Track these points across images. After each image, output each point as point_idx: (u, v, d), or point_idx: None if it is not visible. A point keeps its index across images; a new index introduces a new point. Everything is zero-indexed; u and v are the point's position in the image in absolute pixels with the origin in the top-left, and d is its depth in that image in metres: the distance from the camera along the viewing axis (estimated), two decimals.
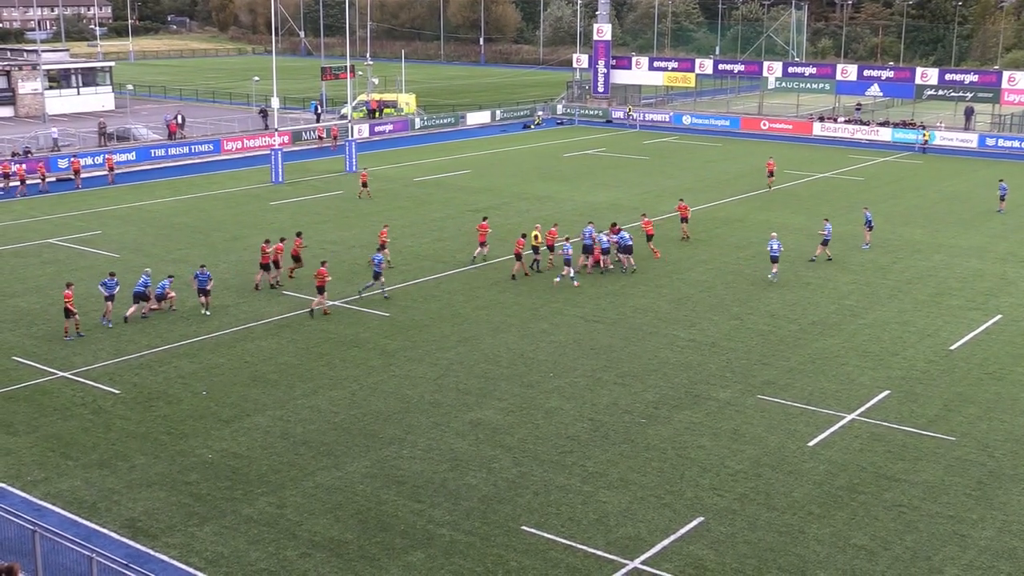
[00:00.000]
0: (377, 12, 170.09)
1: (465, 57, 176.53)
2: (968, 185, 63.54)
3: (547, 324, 34.59)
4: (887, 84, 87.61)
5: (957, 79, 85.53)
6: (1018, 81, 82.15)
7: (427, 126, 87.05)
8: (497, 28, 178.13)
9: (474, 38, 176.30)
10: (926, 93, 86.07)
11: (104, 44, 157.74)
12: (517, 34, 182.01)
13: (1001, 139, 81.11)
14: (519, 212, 52.67)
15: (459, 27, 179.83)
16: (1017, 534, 21.39)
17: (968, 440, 25.93)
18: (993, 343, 33.36)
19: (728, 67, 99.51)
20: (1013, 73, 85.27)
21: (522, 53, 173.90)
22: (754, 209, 54.25)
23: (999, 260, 43.90)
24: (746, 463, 24.47)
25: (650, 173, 66.28)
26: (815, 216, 51.74)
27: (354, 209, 53.09)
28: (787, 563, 20.21)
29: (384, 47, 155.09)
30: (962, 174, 68.05)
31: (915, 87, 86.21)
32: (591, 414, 27.24)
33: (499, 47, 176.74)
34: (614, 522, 21.64)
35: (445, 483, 23.28)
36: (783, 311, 36.39)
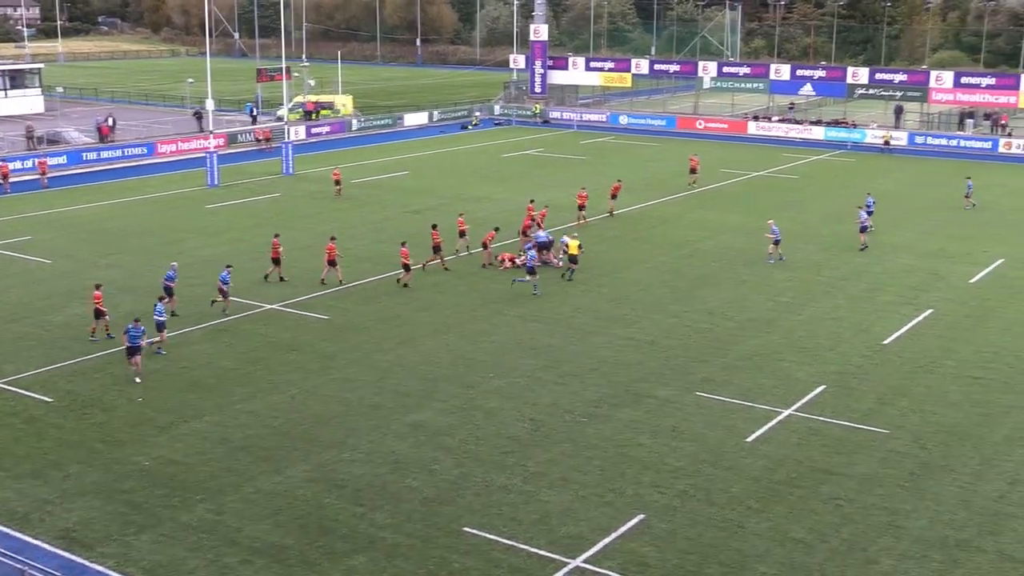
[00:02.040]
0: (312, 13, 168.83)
1: (402, 58, 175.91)
2: (899, 182, 64.68)
3: (487, 324, 34.60)
4: (819, 83, 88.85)
5: (887, 78, 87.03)
6: (945, 80, 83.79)
7: (364, 127, 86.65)
8: (434, 29, 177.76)
9: (411, 39, 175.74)
10: (857, 92, 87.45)
11: (32, 46, 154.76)
12: (454, 35, 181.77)
13: (930, 137, 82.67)
14: (457, 213, 52.51)
15: (395, 28, 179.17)
16: (948, 523, 21.82)
17: (901, 432, 26.40)
18: (924, 337, 34.00)
19: (664, 67, 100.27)
20: (940, 72, 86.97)
21: (459, 54, 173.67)
22: (691, 208, 54.74)
23: (930, 256, 44.74)
24: (686, 460, 24.69)
25: (588, 173, 66.52)
26: (751, 215, 52.39)
27: (292, 211, 52.68)
28: (727, 558, 20.42)
29: (320, 48, 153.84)
30: (893, 172, 69.26)
31: (847, 86, 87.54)
32: (532, 414, 27.30)
33: (436, 48, 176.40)
34: (556, 521, 21.71)
35: (386, 486, 23.19)
36: (721, 309, 36.76)
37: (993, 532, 21.50)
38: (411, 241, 40.55)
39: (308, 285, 38.64)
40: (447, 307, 36.50)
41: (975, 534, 21.42)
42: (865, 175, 67.41)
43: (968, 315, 36.46)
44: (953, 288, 39.84)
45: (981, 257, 44.67)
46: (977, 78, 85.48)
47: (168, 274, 35.21)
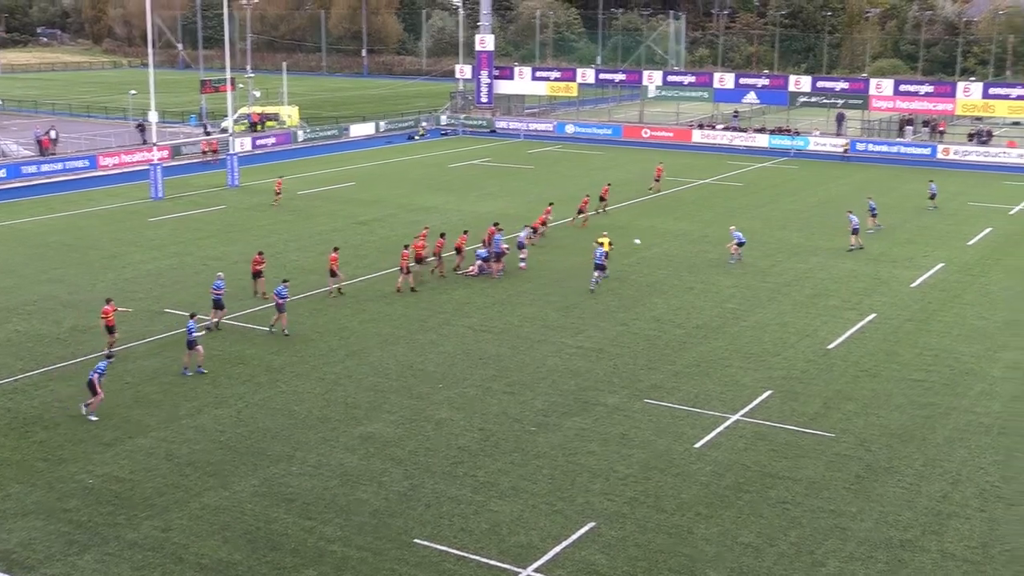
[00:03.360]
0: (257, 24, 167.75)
1: (348, 68, 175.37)
2: (842, 189, 65.56)
3: (435, 335, 34.54)
4: (763, 92, 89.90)
5: (828, 86, 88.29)
6: (884, 88, 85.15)
7: (310, 138, 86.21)
8: (379, 39, 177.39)
9: (356, 49, 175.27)
10: (800, 100, 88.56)
11: None
12: (399, 45, 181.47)
13: (871, 144, 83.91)
14: (406, 224, 52.48)
15: (341, 38, 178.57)
16: (893, 524, 22.12)
17: (847, 436, 26.72)
18: (868, 341, 34.46)
19: (609, 76, 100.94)
20: (880, 80, 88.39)
21: (405, 64, 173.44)
22: (638, 216, 55.07)
23: (872, 261, 45.38)
24: (635, 467, 24.80)
25: (535, 182, 66.77)
26: (697, 222, 52.89)
27: (237, 224, 52.26)
28: (677, 564, 20.53)
29: (265, 59, 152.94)
30: (836, 178, 70.19)
31: (789, 94, 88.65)
32: (481, 424, 27.29)
33: (382, 58, 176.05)
34: (506, 531, 21.70)
35: (335, 499, 23.05)
36: (668, 316, 37.00)
37: (936, 532, 21.83)
38: (354, 251, 40.37)
39: (254, 298, 38.31)
40: (395, 318, 36.39)
41: (919, 534, 21.74)
42: (808, 182, 68.28)
43: (910, 319, 37.02)
44: (895, 292, 40.44)
45: (922, 261, 45.41)
46: (915, 86, 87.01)
47: (216, 283, 35.11)
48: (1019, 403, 29.13)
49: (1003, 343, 34.43)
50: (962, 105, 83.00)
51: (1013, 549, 21.18)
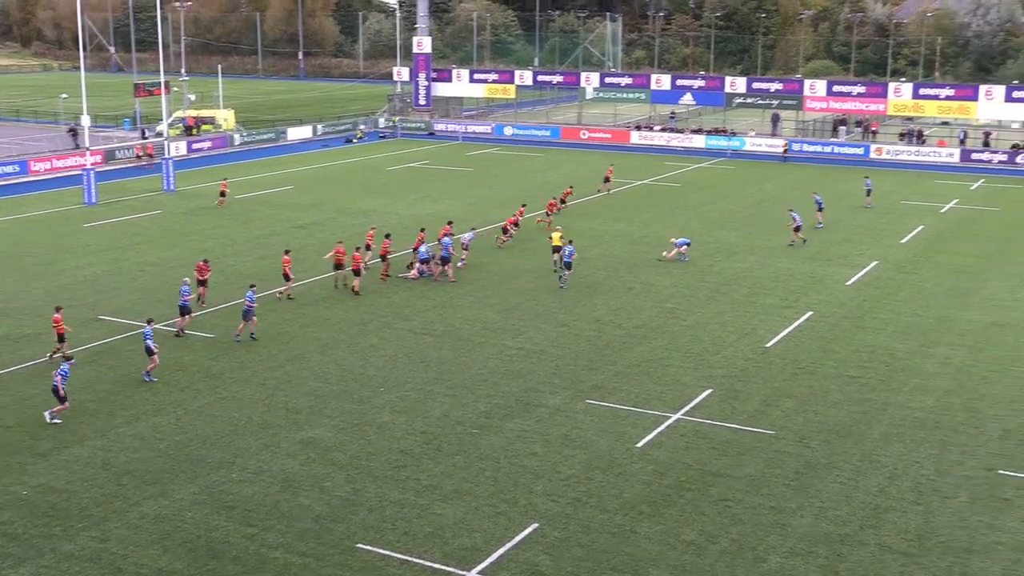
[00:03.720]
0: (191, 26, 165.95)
1: (284, 71, 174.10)
2: (777, 188, 66.42)
3: (376, 339, 34.39)
4: (699, 93, 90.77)
5: (763, 87, 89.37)
6: (818, 89, 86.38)
7: (247, 142, 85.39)
8: (316, 42, 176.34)
9: (292, 52, 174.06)
10: (735, 101, 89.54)
11: None
12: (336, 47, 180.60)
13: (806, 144, 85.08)
14: (344, 227, 52.21)
15: (277, 41, 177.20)
16: (832, 519, 22.43)
17: (786, 433, 27.05)
18: (805, 339, 34.93)
19: (547, 78, 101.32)
20: (813, 81, 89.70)
21: (342, 67, 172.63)
22: (577, 217, 55.27)
23: (808, 260, 45.99)
24: (577, 467, 24.88)
25: (474, 185, 66.79)
26: (635, 223, 53.24)
27: (174, 229, 51.59)
28: (620, 563, 20.63)
29: (200, 62, 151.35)
30: (772, 178, 71.09)
31: (725, 95, 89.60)
32: (423, 427, 27.21)
33: (319, 61, 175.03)
34: (450, 534, 21.66)
35: (277, 505, 22.84)
36: (608, 316, 37.19)
37: (874, 526, 22.18)
38: (292, 255, 40.05)
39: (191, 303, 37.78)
40: (335, 322, 36.16)
41: (857, 528, 22.07)
42: (745, 182, 69.05)
43: (846, 316, 37.59)
44: (831, 290, 41.02)
45: (857, 259, 46.11)
46: (848, 87, 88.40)
47: (183, 289, 34.86)
48: (952, 397, 29.71)
49: (936, 339, 35.08)
50: (893, 105, 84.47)
51: (948, 541, 21.58)
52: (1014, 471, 24.88)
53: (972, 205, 61.51)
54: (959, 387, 30.56)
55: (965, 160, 80.00)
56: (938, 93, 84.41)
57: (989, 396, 29.84)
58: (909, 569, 20.47)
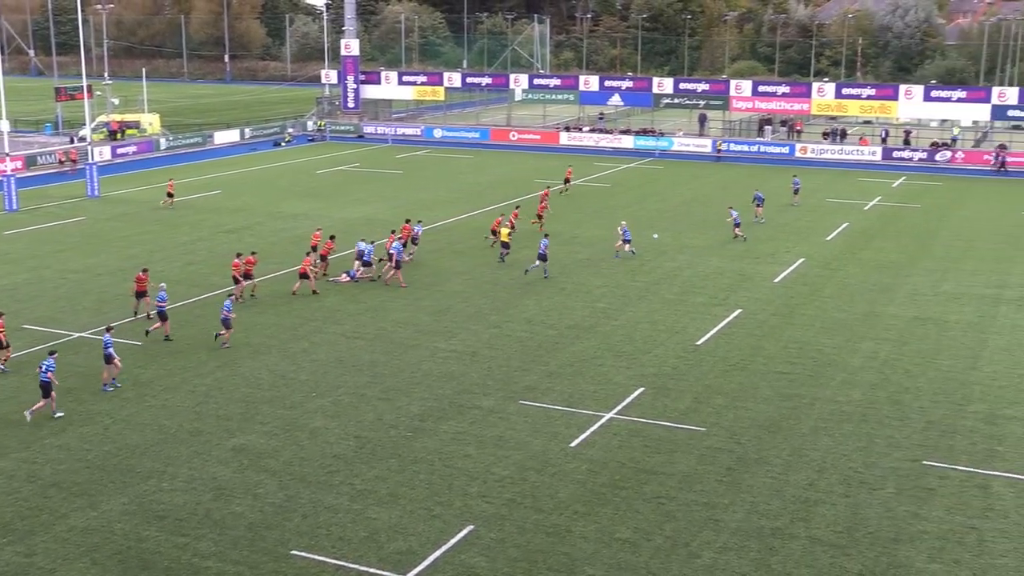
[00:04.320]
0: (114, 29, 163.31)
1: (211, 75, 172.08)
2: (705, 188, 67.17)
3: (307, 343, 34.12)
4: (627, 94, 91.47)
5: (690, 88, 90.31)
6: (744, 89, 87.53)
7: (173, 146, 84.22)
8: (242, 44, 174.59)
9: (219, 55, 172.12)
10: (663, 102, 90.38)
11: None
12: (263, 50, 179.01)
13: (732, 143, 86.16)
14: (273, 231, 51.77)
15: (203, 44, 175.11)
16: (764, 514, 22.74)
17: (717, 429, 27.36)
18: (735, 336, 35.37)
19: (476, 80, 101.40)
20: (739, 82, 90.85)
21: (269, 69, 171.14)
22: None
23: (736, 258, 46.56)
24: (512, 468, 24.93)
25: (404, 187, 66.60)
26: (565, 223, 53.44)
27: (99, 235, 50.70)
28: (556, 563, 20.71)
29: (123, 65, 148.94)
30: (699, 178, 71.88)
31: (653, 96, 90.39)
32: (356, 431, 27.07)
33: (245, 64, 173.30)
34: (385, 538, 21.57)
35: (209, 513, 22.56)
36: (540, 317, 37.31)
37: (804, 519, 22.53)
38: (221, 261, 39.54)
39: (120, 310, 37.25)
40: (266, 327, 35.81)
41: (788, 522, 22.40)
42: (674, 181, 69.72)
43: (774, 313, 38.13)
44: (759, 288, 41.59)
45: (784, 257, 46.80)
46: (773, 87, 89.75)
47: (160, 296, 34.51)
48: (878, 391, 30.28)
49: (862, 334, 35.74)
50: (817, 105, 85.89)
51: (875, 531, 22.00)
52: (937, 461, 25.44)
53: (894, 202, 62.76)
54: (884, 381, 31.17)
55: (887, 158, 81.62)
56: (860, 93, 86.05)
57: (913, 389, 30.47)
58: (839, 560, 20.83)
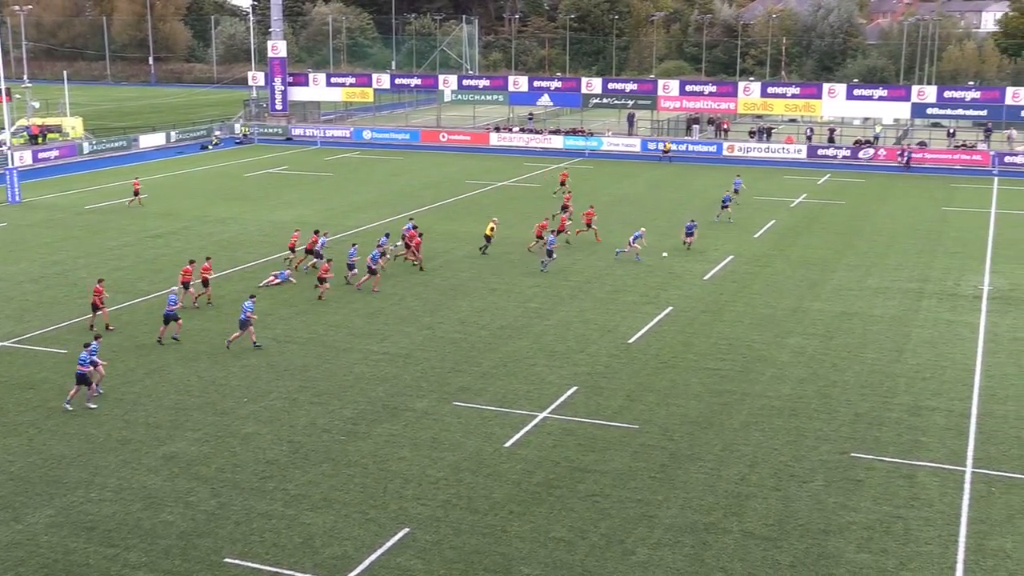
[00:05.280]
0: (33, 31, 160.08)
1: (135, 77, 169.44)
2: (634, 187, 67.65)
3: (237, 348, 33.71)
4: (556, 94, 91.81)
5: (619, 88, 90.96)
6: (671, 89, 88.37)
7: (97, 150, 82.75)
8: (167, 46, 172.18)
9: (143, 57, 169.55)
10: (592, 101, 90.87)
11: None
12: (188, 52, 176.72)
13: (661, 143, 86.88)
14: (202, 236, 51.10)
15: (126, 46, 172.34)
16: (697, 509, 22.99)
17: (650, 426, 27.59)
18: (666, 334, 35.69)
19: (405, 81, 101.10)
20: (667, 81, 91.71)
21: (195, 72, 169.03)
22: (439, 220, 55.30)
23: (667, 256, 46.92)
24: (447, 470, 24.90)
25: (334, 189, 66.19)
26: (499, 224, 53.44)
27: (20, 241, 49.63)
28: (492, 563, 20.73)
29: (44, 68, 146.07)
30: (629, 177, 72.40)
31: (582, 96, 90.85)
32: (289, 436, 26.84)
33: (170, 66, 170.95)
34: (320, 543, 21.42)
35: (140, 523, 22.21)
36: (472, 318, 37.31)
37: (737, 513, 22.82)
38: (148, 266, 38.97)
39: (41, 319, 36.52)
40: (196, 333, 35.33)
41: (721, 516, 22.66)
42: (603, 181, 70.13)
43: (704, 310, 38.54)
44: (689, 285, 42.02)
45: (713, 255, 47.33)
46: (700, 86, 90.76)
47: (171, 299, 34.07)
48: (806, 385, 30.77)
49: (789, 329, 36.28)
50: (743, 104, 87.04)
51: (806, 524, 22.35)
52: (865, 453, 25.93)
53: (820, 199, 63.80)
54: (812, 375, 31.68)
55: (812, 156, 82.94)
56: (785, 92, 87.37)
57: (840, 382, 31.02)
58: (771, 553, 21.13)
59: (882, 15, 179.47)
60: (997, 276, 43.96)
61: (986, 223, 56.07)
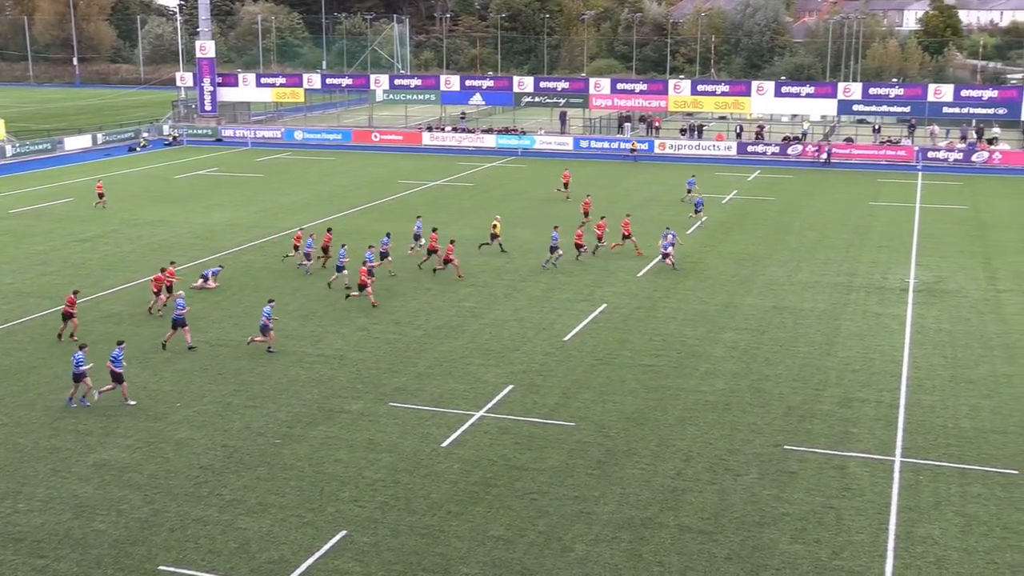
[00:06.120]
0: None
1: (59, 78, 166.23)
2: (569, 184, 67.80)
3: (170, 352, 33.28)
4: (488, 93, 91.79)
5: (551, 86, 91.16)
6: (603, 87, 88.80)
7: (20, 153, 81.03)
8: (91, 47, 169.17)
9: (67, 58, 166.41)
10: (524, 100, 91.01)
11: None
12: (114, 53, 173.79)
13: (593, 141, 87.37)
14: (130, 239, 50.30)
15: (49, 46, 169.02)
16: (634, 504, 23.15)
17: (586, 423, 27.73)
18: (601, 331, 35.89)
19: (336, 81, 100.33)
20: (598, 80, 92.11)
21: (122, 73, 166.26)
22: (372, 220, 55.05)
23: (601, 254, 47.15)
24: (384, 471, 24.80)
25: (266, 191, 65.56)
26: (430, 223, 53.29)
27: None
28: (431, 564, 20.69)
29: None
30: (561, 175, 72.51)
31: (514, 95, 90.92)
32: (224, 440, 26.53)
33: (96, 67, 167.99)
34: (256, 548, 21.21)
35: (70, 533, 21.80)
36: (407, 318, 37.19)
37: (673, 507, 23.02)
38: (75, 271, 38.22)
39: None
40: (126, 338, 34.62)
41: (658, 511, 22.85)
42: (536, 179, 70.30)
43: (638, 307, 38.82)
44: (624, 282, 42.29)
45: (646, 251, 47.62)
46: (631, 84, 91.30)
47: (179, 303, 33.55)
48: (740, 380, 31.14)
49: (722, 325, 36.69)
50: (674, 102, 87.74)
51: (741, 516, 22.62)
52: (797, 445, 26.31)
53: (750, 195, 64.59)
54: (745, 369, 32.07)
55: (742, 152, 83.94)
56: (715, 89, 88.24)
57: (773, 376, 31.44)
58: (707, 547, 21.35)
59: (808, 13, 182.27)
60: (922, 269, 44.88)
61: (911, 217, 57.20)
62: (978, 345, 34.49)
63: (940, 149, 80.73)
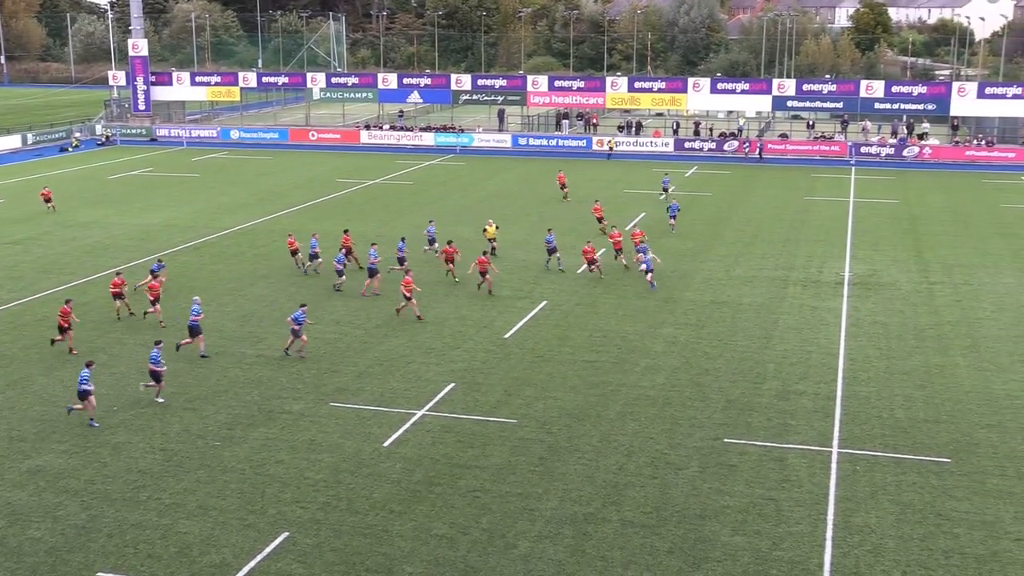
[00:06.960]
0: None
1: None
2: (507, 182, 67.99)
3: (106, 356, 32.77)
4: (426, 91, 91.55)
5: (488, 84, 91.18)
6: (540, 84, 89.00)
7: None
8: (20, 45, 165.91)
9: None
10: (462, 98, 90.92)
11: None
12: (43, 51, 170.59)
13: (531, 138, 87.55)
14: (64, 241, 49.44)
15: None
16: (576, 500, 23.26)
17: (528, 420, 27.79)
18: (541, 328, 35.99)
19: (272, 79, 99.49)
20: (536, 77, 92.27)
21: (51, 71, 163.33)
22: (311, 220, 54.64)
23: (538, 251, 47.26)
24: (325, 472, 24.66)
25: (202, 190, 64.82)
26: (369, 222, 53.13)
27: None
28: (374, 563, 20.62)
29: None
30: (500, 172, 72.73)
31: (452, 93, 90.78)
32: (162, 444, 26.20)
33: (24, 65, 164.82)
34: (197, 552, 20.98)
35: (4, 541, 21.40)
36: (348, 318, 37.00)
37: (615, 502, 23.17)
38: (7, 274, 37.51)
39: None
40: (61, 342, 34.15)
41: (600, 506, 22.98)
42: (475, 177, 70.34)
43: (578, 303, 38.98)
44: (563, 279, 42.43)
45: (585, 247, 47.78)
46: (569, 81, 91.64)
47: (194, 308, 32.85)
48: (680, 374, 31.41)
49: (662, 320, 36.97)
50: (611, 99, 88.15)
51: (683, 509, 22.83)
52: (737, 438, 26.61)
53: (688, 191, 65.12)
54: (685, 364, 32.35)
55: (679, 149, 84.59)
56: (651, 86, 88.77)
57: (712, 370, 31.75)
58: (649, 540, 21.52)
59: (742, 10, 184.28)
60: (857, 263, 45.59)
61: (845, 212, 58.08)
62: (911, 336, 35.14)
63: (872, 144, 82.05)
